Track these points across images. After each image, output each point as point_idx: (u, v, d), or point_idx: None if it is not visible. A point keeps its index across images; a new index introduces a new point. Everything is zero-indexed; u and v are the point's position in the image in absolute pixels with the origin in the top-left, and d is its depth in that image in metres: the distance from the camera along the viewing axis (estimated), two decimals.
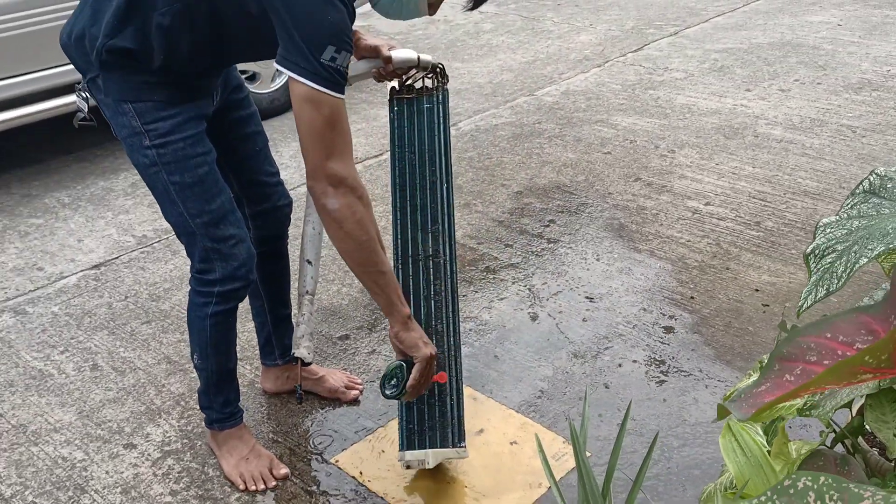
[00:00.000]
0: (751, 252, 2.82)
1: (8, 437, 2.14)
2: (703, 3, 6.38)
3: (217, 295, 1.78)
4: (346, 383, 2.23)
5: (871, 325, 0.82)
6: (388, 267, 1.62)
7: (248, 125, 1.90)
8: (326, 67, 1.42)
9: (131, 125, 1.62)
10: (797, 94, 4.30)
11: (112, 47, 1.55)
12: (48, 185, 3.64)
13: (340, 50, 1.43)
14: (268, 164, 1.96)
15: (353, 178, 1.52)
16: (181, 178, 1.65)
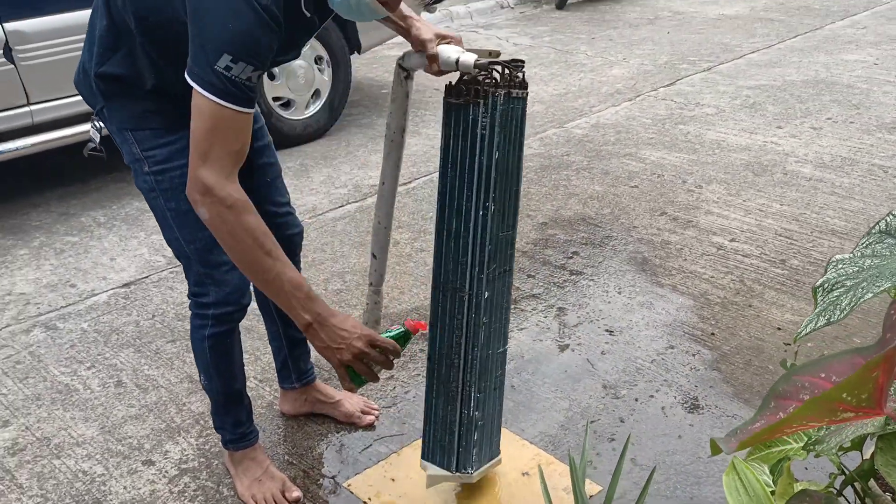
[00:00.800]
0: (774, 290, 2.80)
1: (32, 450, 2.19)
2: (737, 39, 6.39)
3: (212, 318, 1.82)
4: (362, 408, 2.25)
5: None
6: (278, 273, 1.50)
7: (262, 156, 1.91)
8: (218, 75, 1.38)
9: (132, 152, 1.68)
10: (829, 132, 4.27)
11: (103, 74, 1.61)
12: (86, 204, 3.74)
13: (238, 61, 1.38)
14: (278, 194, 1.97)
15: (220, 187, 1.43)
16: (177, 205, 1.69)
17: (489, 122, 1.63)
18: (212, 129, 1.42)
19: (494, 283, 1.77)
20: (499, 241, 1.74)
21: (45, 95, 3.43)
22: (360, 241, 3.30)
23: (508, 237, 1.77)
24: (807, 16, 7.18)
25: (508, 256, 1.79)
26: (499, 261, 1.76)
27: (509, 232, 1.77)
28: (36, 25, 3.33)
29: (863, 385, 0.76)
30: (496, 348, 1.86)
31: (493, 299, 1.78)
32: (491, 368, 1.87)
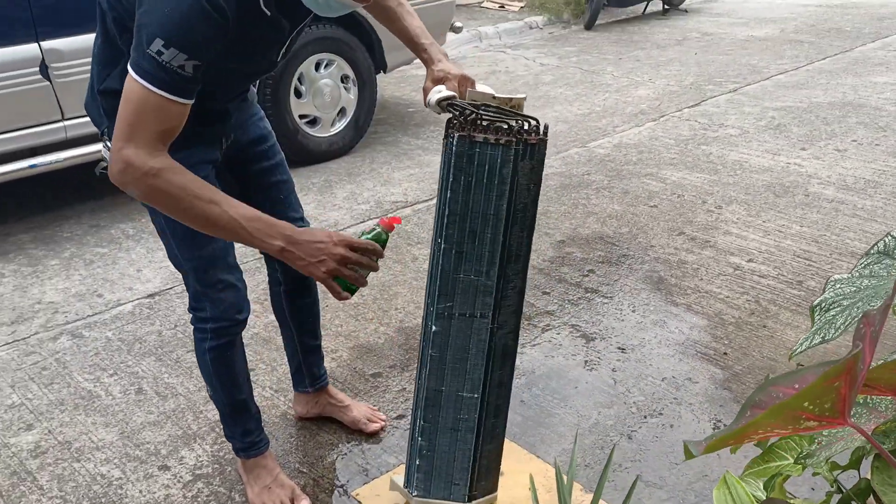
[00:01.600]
0: (790, 311, 2.80)
1: (53, 453, 2.26)
2: (765, 61, 6.37)
3: (211, 331, 1.87)
4: (368, 416, 2.30)
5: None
6: (230, 216, 1.47)
7: (273, 175, 1.95)
8: (149, 59, 1.37)
9: None
10: (854, 154, 4.25)
11: (105, 91, 1.66)
12: (115, 216, 3.85)
13: (170, 46, 1.36)
14: (291, 210, 2.00)
15: (141, 162, 1.41)
16: (175, 224, 1.72)
17: (444, 161, 1.61)
18: (137, 111, 1.41)
19: (447, 321, 1.70)
20: (454, 281, 1.66)
21: (78, 111, 3.54)
22: None
23: (474, 283, 1.66)
24: (837, 38, 7.14)
25: (475, 302, 1.68)
26: (456, 301, 1.68)
27: (477, 278, 1.66)
28: (71, 44, 3.45)
29: (825, 394, 0.78)
30: (452, 388, 1.77)
31: (444, 336, 1.72)
32: (443, 405, 1.78)
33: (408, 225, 3.64)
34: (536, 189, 1.65)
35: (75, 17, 3.47)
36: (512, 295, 1.70)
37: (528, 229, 1.67)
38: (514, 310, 1.73)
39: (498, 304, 1.69)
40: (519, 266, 1.68)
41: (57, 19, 3.42)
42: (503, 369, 1.78)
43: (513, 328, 1.75)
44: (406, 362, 2.62)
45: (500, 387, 1.81)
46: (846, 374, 0.77)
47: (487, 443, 1.84)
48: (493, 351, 1.73)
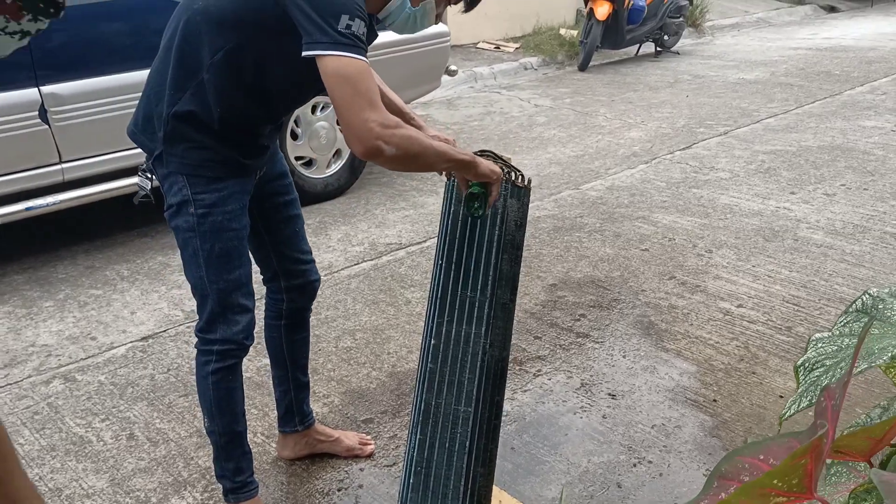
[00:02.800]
0: (779, 357, 2.82)
1: (45, 499, 2.25)
2: (756, 104, 6.47)
3: (216, 353, 1.93)
4: (360, 441, 2.40)
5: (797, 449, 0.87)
6: (441, 145, 1.71)
7: (289, 209, 2.09)
8: (346, 35, 1.55)
9: (182, 193, 1.81)
10: (842, 198, 4.31)
11: (177, 113, 1.76)
12: (111, 258, 3.87)
13: (354, 17, 1.55)
14: (303, 243, 2.15)
15: (390, 119, 1.60)
16: (211, 247, 1.83)
17: (446, 191, 1.90)
18: (360, 81, 1.57)
19: (445, 335, 1.88)
20: (452, 298, 1.88)
21: (76, 154, 3.59)
22: (373, 299, 3.38)
23: (470, 300, 1.86)
24: (826, 81, 7.26)
25: (471, 319, 1.86)
26: (454, 317, 1.87)
27: (473, 295, 1.86)
28: (70, 88, 3.50)
29: (793, 471, 0.80)
30: (448, 400, 1.88)
31: (441, 349, 1.89)
32: (439, 419, 1.89)
33: (401, 268, 3.67)
34: (522, 227, 1.91)
35: (75, 63, 3.53)
36: (501, 315, 1.87)
37: (516, 260, 1.90)
38: (503, 330, 1.89)
39: (489, 322, 1.85)
40: (508, 290, 1.88)
41: (57, 64, 3.48)
42: (496, 387, 1.90)
43: (503, 347, 1.90)
44: (398, 408, 2.63)
45: (493, 405, 1.90)
46: (812, 452, 0.80)
47: (479, 464, 1.89)
48: (486, 366, 1.86)
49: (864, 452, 0.98)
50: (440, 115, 6.49)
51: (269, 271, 2.15)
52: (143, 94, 1.86)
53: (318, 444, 2.37)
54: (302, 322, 2.24)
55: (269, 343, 2.26)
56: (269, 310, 2.22)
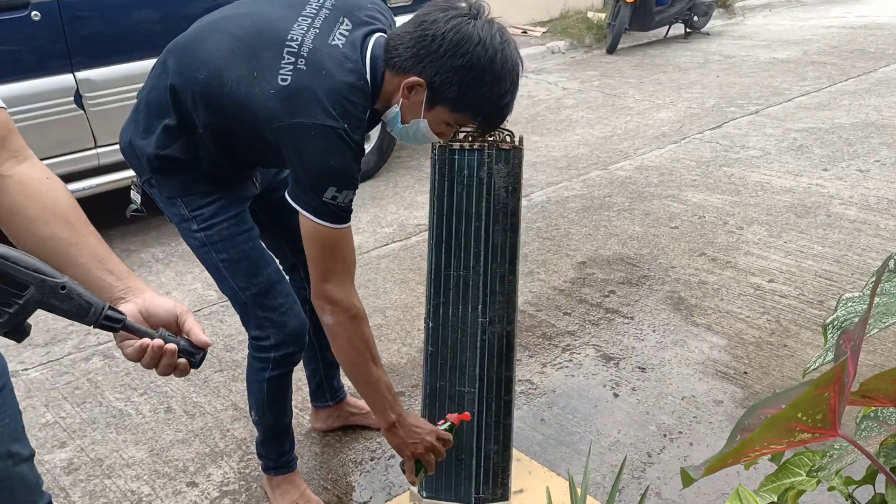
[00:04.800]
0: (811, 331, 2.81)
1: (85, 469, 2.33)
2: (787, 83, 6.39)
3: (273, 361, 1.92)
4: None
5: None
6: (377, 378, 1.72)
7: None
8: (327, 205, 1.56)
9: (181, 213, 1.80)
10: (876, 174, 4.25)
11: (164, 157, 1.73)
12: (146, 241, 3.94)
13: (342, 189, 1.55)
14: None
15: (346, 300, 1.64)
16: (228, 255, 1.81)
17: (431, 170, 1.84)
18: (330, 249, 1.61)
19: (442, 316, 1.87)
20: (445, 277, 1.85)
21: (110, 139, 3.65)
22: (403, 278, 3.41)
23: (464, 278, 1.83)
24: (860, 59, 7.14)
25: (466, 296, 1.83)
26: (449, 297, 1.86)
27: (466, 273, 1.82)
28: (104, 74, 3.57)
29: (816, 405, 0.81)
30: (454, 383, 1.89)
31: (440, 331, 1.89)
32: (446, 402, 1.91)
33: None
34: (516, 192, 1.81)
35: (108, 49, 3.59)
36: (500, 290, 1.82)
37: (512, 228, 1.81)
38: (504, 304, 1.84)
39: (486, 297, 1.82)
40: (505, 262, 1.82)
41: (91, 51, 3.54)
42: (501, 363, 1.87)
43: (506, 322, 1.85)
44: None
45: (501, 381, 1.88)
46: (834, 384, 0.80)
47: (492, 442, 1.89)
48: (487, 344, 1.85)
49: (890, 396, 0.98)
50: None
51: (286, 263, 2.12)
52: (135, 115, 1.79)
53: (351, 417, 2.41)
54: None
55: None
56: (296, 294, 2.20)
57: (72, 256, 1.07)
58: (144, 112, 1.75)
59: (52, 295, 0.98)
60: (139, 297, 1.08)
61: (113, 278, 1.08)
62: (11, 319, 0.97)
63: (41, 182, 1.11)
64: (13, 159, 1.10)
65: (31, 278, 0.96)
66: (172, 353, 1.04)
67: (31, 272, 0.96)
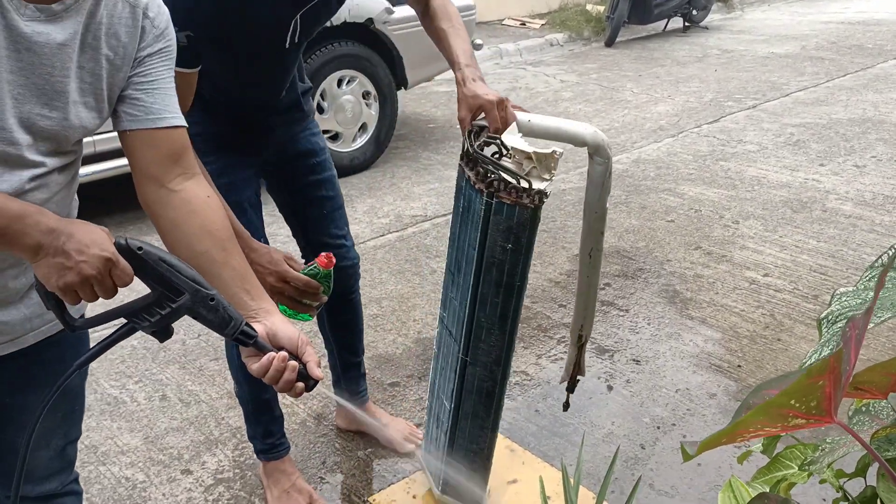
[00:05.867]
0: (805, 325, 2.82)
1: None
2: (785, 77, 6.39)
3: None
4: (405, 436, 2.31)
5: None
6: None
7: (319, 190, 2.00)
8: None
9: None
10: (872, 170, 4.26)
11: None
12: (142, 230, 3.94)
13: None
14: (334, 227, 2.05)
15: None
16: None
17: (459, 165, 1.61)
18: None
19: (442, 329, 1.83)
20: (447, 298, 1.77)
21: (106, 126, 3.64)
22: (399, 269, 3.41)
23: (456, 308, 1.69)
24: (858, 55, 7.14)
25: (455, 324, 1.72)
26: (448, 315, 1.77)
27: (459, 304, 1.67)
28: None
29: (811, 392, 0.81)
30: (440, 386, 1.89)
31: (440, 339, 1.85)
32: (435, 396, 1.92)
33: (427, 238, 3.70)
34: (518, 254, 1.49)
35: None
36: (485, 339, 1.62)
37: (507, 287, 1.53)
38: (486, 353, 1.64)
39: (469, 339, 1.63)
40: (494, 316, 1.58)
41: None
42: (479, 401, 1.73)
43: (488, 370, 1.67)
44: (423, 372, 2.67)
45: (476, 418, 1.76)
46: (830, 373, 0.81)
47: (461, 458, 1.85)
48: (465, 380, 1.71)
49: (882, 388, 0.99)
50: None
51: (302, 253, 2.11)
52: None
53: (366, 425, 2.36)
54: (345, 304, 2.17)
55: (318, 320, 2.23)
56: None
57: (217, 273, 1.18)
58: None
59: (202, 304, 1.07)
60: (268, 319, 1.18)
61: (248, 297, 1.18)
62: (161, 320, 1.08)
63: (203, 201, 1.21)
64: (182, 175, 1.21)
65: (188, 286, 1.06)
66: (294, 368, 1.13)
67: (189, 281, 1.06)
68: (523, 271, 1.52)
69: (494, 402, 1.74)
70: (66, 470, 1.40)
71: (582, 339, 1.88)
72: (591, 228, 1.69)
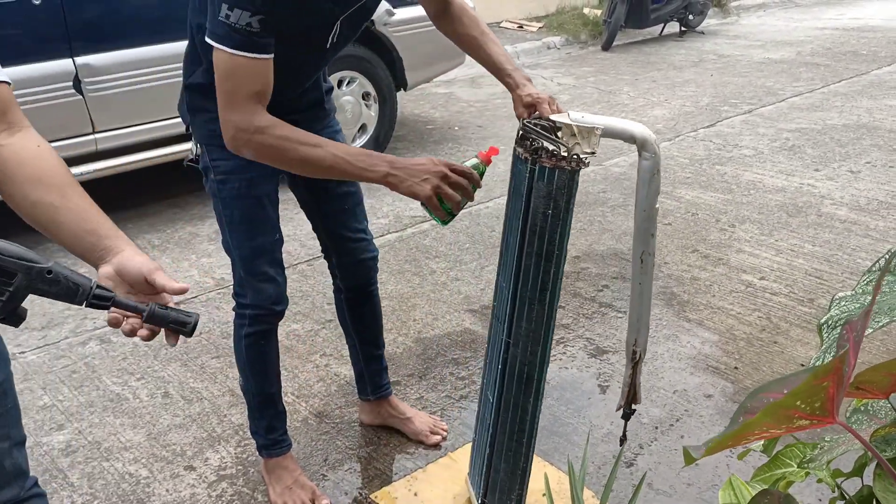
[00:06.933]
0: (801, 328, 2.85)
1: (84, 452, 2.35)
2: (781, 83, 6.44)
3: (249, 317, 1.98)
4: (431, 427, 2.35)
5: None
6: (333, 154, 1.55)
7: (340, 185, 2.04)
8: (221, 25, 1.49)
9: (204, 160, 1.87)
10: (867, 175, 4.30)
11: (190, 85, 1.81)
12: (142, 227, 3.95)
13: (233, 8, 1.47)
14: (354, 220, 2.09)
15: (247, 123, 1.53)
16: (231, 213, 1.87)
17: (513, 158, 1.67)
18: (227, 77, 1.53)
19: (492, 317, 1.84)
20: (498, 284, 1.79)
21: (108, 125, 3.67)
22: (399, 269, 3.43)
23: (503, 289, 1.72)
24: (853, 61, 7.20)
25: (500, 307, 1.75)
26: (497, 301, 1.79)
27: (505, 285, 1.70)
28: (103, 59, 3.58)
29: (815, 394, 0.84)
30: (486, 383, 1.88)
31: (490, 330, 1.86)
32: (482, 398, 1.94)
33: (426, 240, 3.72)
34: (557, 219, 1.57)
35: (108, 34, 3.60)
36: (527, 316, 1.66)
37: (546, 255, 1.60)
38: (529, 332, 1.68)
39: (512, 318, 1.68)
40: (535, 289, 1.63)
41: (90, 35, 3.55)
42: (520, 390, 1.74)
43: (528, 352, 1.70)
44: (423, 371, 2.70)
45: (517, 408, 1.77)
46: (833, 375, 0.84)
47: (501, 460, 1.83)
48: (508, 365, 1.73)
49: (884, 389, 1.02)
50: (463, 93, 6.51)
51: (322, 245, 2.16)
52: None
53: (390, 419, 2.38)
54: (365, 297, 2.20)
55: (337, 313, 2.28)
56: (333, 282, 2.22)
57: (58, 219, 1.11)
58: (185, 56, 1.84)
59: (40, 280, 1.02)
60: (116, 256, 1.10)
61: (95, 238, 1.11)
62: (4, 306, 1.02)
63: (32, 151, 1.14)
64: (7, 131, 1.15)
65: (18, 266, 1.00)
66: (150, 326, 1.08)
67: (17, 260, 1.01)
68: (561, 238, 1.60)
69: (534, 389, 1.74)
70: (22, 475, 1.30)
71: (636, 355, 1.82)
72: (640, 229, 1.72)
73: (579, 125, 1.58)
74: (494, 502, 1.89)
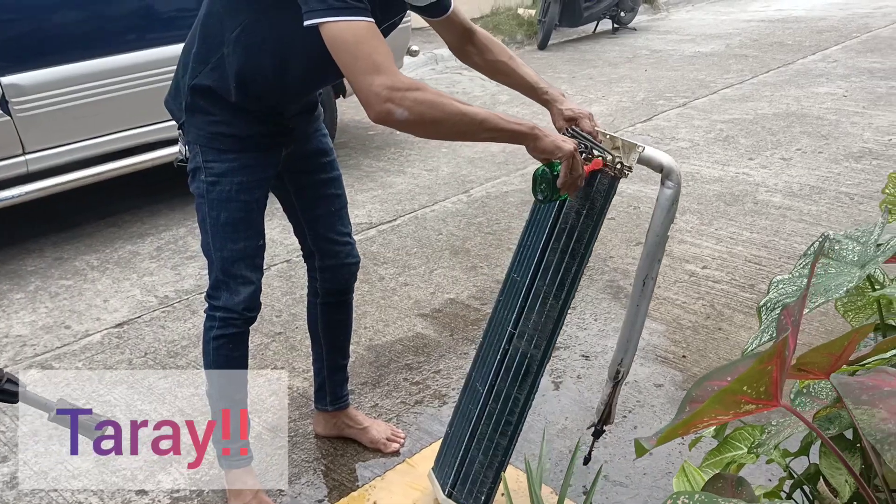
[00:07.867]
0: (743, 313, 2.92)
1: (29, 483, 2.27)
2: (712, 76, 6.59)
3: (219, 319, 1.95)
4: (388, 435, 2.35)
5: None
6: (482, 111, 1.55)
7: (328, 188, 2.06)
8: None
9: (196, 160, 1.85)
10: (798, 162, 4.43)
11: (196, 86, 1.78)
12: (79, 248, 3.85)
13: None
14: (341, 224, 2.12)
15: (399, 82, 1.49)
16: (217, 216, 1.85)
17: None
18: (360, 43, 1.49)
19: (495, 311, 1.89)
20: (510, 279, 1.83)
21: (39, 145, 3.56)
22: None
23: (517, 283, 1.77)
24: (780, 51, 7.41)
25: (509, 302, 1.80)
26: (503, 296, 1.85)
27: (519, 278, 1.77)
28: (31, 79, 3.47)
29: (760, 378, 0.86)
30: (476, 377, 1.89)
31: (489, 324, 1.90)
32: (466, 392, 1.94)
33: (373, 246, 3.71)
34: (590, 219, 1.68)
35: (36, 53, 3.50)
36: (539, 309, 1.73)
37: (572, 253, 1.70)
38: (537, 325, 1.74)
39: (521, 310, 1.74)
40: (553, 284, 1.72)
41: (17, 55, 3.44)
42: (515, 381, 1.78)
43: (532, 345, 1.75)
44: (377, 379, 2.68)
45: (508, 400, 1.80)
46: (777, 358, 0.86)
47: (479, 452, 1.84)
48: (508, 356, 1.77)
49: (824, 369, 1.05)
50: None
51: (304, 248, 2.15)
52: (177, 66, 1.88)
53: (346, 429, 2.37)
54: (340, 304, 2.22)
55: (308, 318, 2.27)
56: (309, 286, 2.22)
57: None
58: (184, 55, 1.84)
59: None
60: None
61: None
62: None
63: None
64: None
65: None
66: None
67: None
68: (590, 239, 1.70)
69: (530, 383, 1.77)
70: None
71: (619, 374, 1.85)
72: (649, 253, 1.79)
73: (623, 140, 1.70)
74: (463, 493, 1.89)
